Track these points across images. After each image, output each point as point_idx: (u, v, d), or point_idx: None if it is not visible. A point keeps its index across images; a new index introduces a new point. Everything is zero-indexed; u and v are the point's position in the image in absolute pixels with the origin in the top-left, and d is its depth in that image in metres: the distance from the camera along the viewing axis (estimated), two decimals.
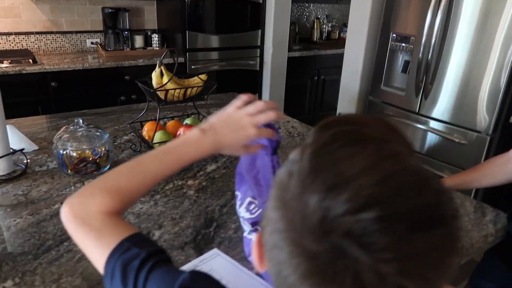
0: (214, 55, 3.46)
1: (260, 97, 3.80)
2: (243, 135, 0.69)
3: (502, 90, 2.06)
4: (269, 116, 0.70)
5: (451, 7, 2.16)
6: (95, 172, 1.23)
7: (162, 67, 1.29)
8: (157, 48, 3.36)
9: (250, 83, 3.72)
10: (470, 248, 0.98)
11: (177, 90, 1.28)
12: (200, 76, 1.35)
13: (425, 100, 2.39)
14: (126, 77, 2.99)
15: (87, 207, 0.60)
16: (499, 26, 2.00)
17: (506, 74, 2.03)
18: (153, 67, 1.33)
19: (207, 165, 1.34)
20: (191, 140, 0.68)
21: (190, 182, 1.23)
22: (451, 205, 0.34)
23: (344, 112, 2.93)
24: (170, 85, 1.26)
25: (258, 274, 0.86)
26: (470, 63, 2.15)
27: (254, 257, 0.44)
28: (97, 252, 0.57)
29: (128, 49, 3.24)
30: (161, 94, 1.27)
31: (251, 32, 3.54)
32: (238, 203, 0.91)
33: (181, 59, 3.21)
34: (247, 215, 0.87)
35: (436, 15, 2.21)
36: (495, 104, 2.09)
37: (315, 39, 4.30)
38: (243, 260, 0.90)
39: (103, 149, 1.24)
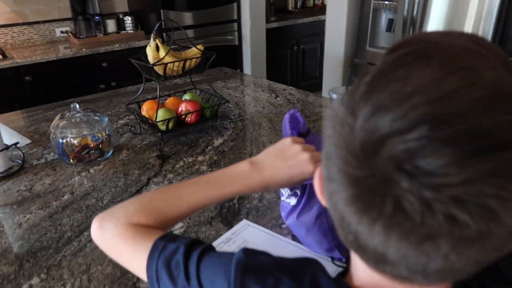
0: (190, 33, 3.35)
1: (241, 72, 3.73)
2: (299, 171, 0.60)
3: (489, 37, 2.06)
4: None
5: None
6: (99, 159, 1.17)
7: (157, 40, 1.22)
8: (132, 31, 3.22)
9: (231, 59, 3.63)
10: None
11: (176, 64, 1.21)
12: (197, 46, 1.28)
13: None
14: (104, 64, 2.86)
15: (118, 220, 0.56)
16: None
17: (492, 23, 2.03)
18: (130, 51, 1.27)
19: (213, 139, 1.29)
20: (238, 173, 0.61)
21: (200, 158, 1.19)
22: None
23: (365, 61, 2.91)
24: (167, 59, 1.20)
25: (293, 239, 0.83)
26: (451, 15, 2.15)
27: (317, 192, 0.42)
28: (136, 260, 0.53)
29: (101, 35, 3.08)
30: (159, 70, 1.20)
31: (226, 6, 3.44)
32: None
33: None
34: None
35: None
36: None
37: (290, 9, 4.22)
38: (275, 227, 0.87)
39: (104, 133, 1.18)
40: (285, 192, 0.76)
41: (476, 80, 0.28)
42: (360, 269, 0.40)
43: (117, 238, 0.55)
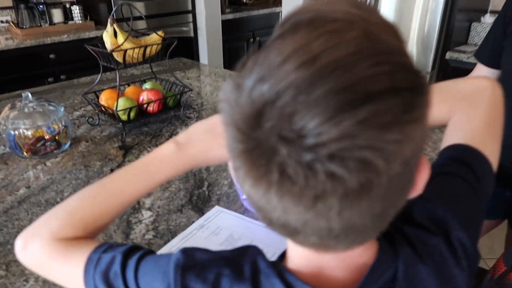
0: (142, 24, 3.24)
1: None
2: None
3: (436, 30, 2.18)
4: None
5: None
6: (55, 151, 1.11)
7: (115, 25, 1.16)
8: (80, 22, 3.06)
9: (186, 51, 3.56)
10: None
11: (136, 51, 1.17)
12: (157, 32, 1.24)
13: None
14: (51, 56, 2.71)
15: (42, 238, 0.51)
16: None
17: (439, 14, 2.14)
18: (80, 42, 1.21)
19: (176, 129, 1.26)
20: (164, 156, 0.57)
21: None
22: (387, 78, 0.29)
23: None
24: (127, 45, 1.15)
25: None
26: (400, 7, 2.24)
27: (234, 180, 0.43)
28: (70, 279, 0.50)
29: (46, 25, 2.91)
30: (118, 57, 1.15)
31: None
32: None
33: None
34: None
35: None
36: (431, 44, 2.22)
37: (245, 1, 4.20)
38: (247, 211, 0.87)
39: (61, 124, 1.11)
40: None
41: (339, 41, 0.29)
42: (290, 248, 0.41)
43: (45, 257, 0.51)
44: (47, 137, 1.08)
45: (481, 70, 1.19)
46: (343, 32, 0.30)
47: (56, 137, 1.10)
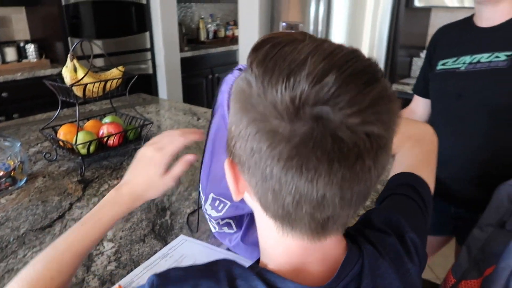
0: (100, 62, 3.25)
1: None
2: (153, 167, 0.64)
3: (381, 65, 2.35)
4: (178, 143, 0.67)
5: None
6: (10, 187, 1.08)
7: (75, 61, 1.18)
8: (34, 60, 3.03)
9: (145, 88, 3.58)
10: None
11: (96, 85, 1.18)
12: (118, 67, 1.27)
13: None
14: (3, 94, 2.64)
15: None
16: (366, 9, 2.28)
17: (383, 50, 2.32)
18: (34, 80, 1.22)
19: None
20: (107, 201, 0.63)
21: None
22: (378, 67, 0.40)
23: None
24: (87, 80, 1.16)
25: (229, 249, 0.85)
26: (349, 42, 2.41)
27: (230, 185, 0.45)
28: None
29: None
30: (77, 91, 1.16)
31: (138, 34, 3.42)
32: (202, 198, 0.80)
33: None
34: (213, 213, 0.76)
35: (318, 4, 2.42)
36: None
37: (202, 39, 4.33)
38: (211, 238, 0.88)
39: (17, 160, 1.09)
40: (215, 226, 0.78)
41: (339, 45, 0.39)
42: (273, 248, 0.46)
43: None
44: (1, 173, 1.06)
45: (418, 101, 1.31)
46: (333, 42, 0.39)
47: (12, 173, 1.07)
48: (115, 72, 1.26)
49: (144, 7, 3.37)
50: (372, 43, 2.33)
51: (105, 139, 1.24)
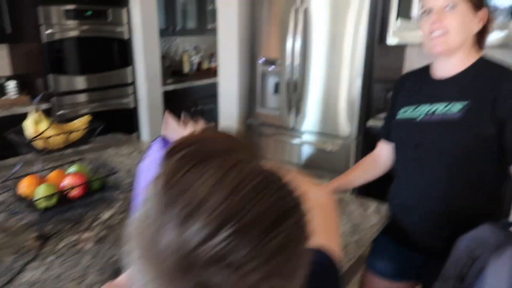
0: (82, 97, 3.26)
1: (139, 135, 3.69)
2: None
3: (357, 99, 2.38)
4: None
5: (306, 30, 2.44)
6: None
7: (38, 114, 1.18)
8: (15, 96, 3.02)
9: (127, 122, 3.59)
10: (362, 240, 1.10)
11: (59, 137, 1.18)
12: (82, 118, 1.27)
13: (297, 116, 2.62)
14: None
15: None
16: (348, 43, 2.32)
17: (359, 85, 2.36)
18: (13, 118, 1.21)
19: (101, 213, 1.25)
20: None
21: (86, 235, 1.13)
22: (292, 196, 0.36)
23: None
24: (50, 132, 1.16)
25: None
26: (328, 78, 2.45)
27: None
28: None
29: None
30: (38, 145, 1.16)
31: (121, 69, 3.45)
32: None
33: (45, 106, 2.95)
34: None
35: (295, 38, 2.47)
36: (354, 112, 2.41)
37: (186, 71, 4.37)
38: None
39: None
40: None
41: (248, 172, 0.35)
42: None
43: None
44: None
45: (383, 145, 1.32)
46: (247, 163, 0.36)
47: None
48: (81, 122, 1.25)
49: (126, 43, 3.41)
50: (351, 77, 2.37)
51: (67, 191, 1.22)
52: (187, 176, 0.35)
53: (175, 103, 3.90)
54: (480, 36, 1.08)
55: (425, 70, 1.18)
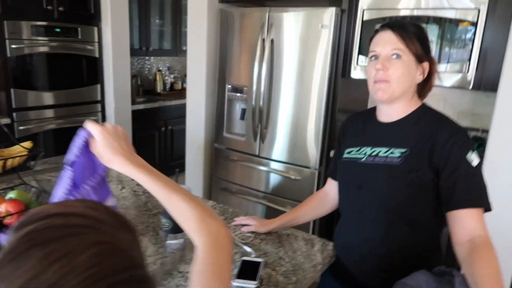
0: (49, 113, 3.20)
1: None
2: None
3: (321, 129, 2.41)
4: None
5: (273, 59, 2.47)
6: None
7: None
8: None
9: None
10: (304, 280, 1.09)
11: None
12: (23, 144, 1.23)
13: (263, 143, 2.63)
14: None
15: None
16: (317, 75, 2.36)
17: (323, 116, 2.39)
18: None
19: None
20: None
21: None
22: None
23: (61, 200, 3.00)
24: None
25: None
26: (296, 108, 2.47)
27: None
28: None
29: None
30: None
31: (89, 87, 3.40)
32: None
33: (6, 120, 2.87)
34: None
35: (261, 66, 2.49)
36: (319, 142, 2.43)
37: (158, 91, 4.35)
38: None
39: None
40: None
41: (69, 269, 0.33)
42: None
43: None
44: None
45: (331, 183, 1.33)
46: (75, 255, 0.33)
47: None
48: (20, 149, 1.21)
49: (96, 60, 3.38)
50: (318, 108, 2.39)
51: (2, 219, 1.17)
52: (13, 263, 0.33)
53: (145, 122, 3.86)
54: (422, 87, 1.11)
55: (372, 112, 1.20)
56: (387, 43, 1.05)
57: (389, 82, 1.05)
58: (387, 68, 1.04)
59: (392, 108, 1.10)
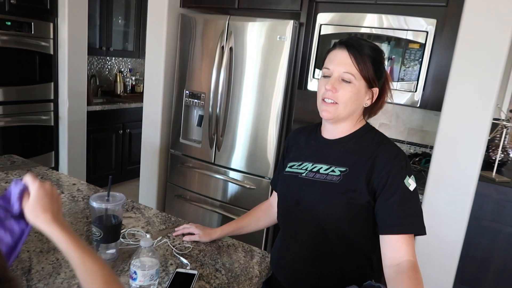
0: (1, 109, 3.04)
1: (57, 155, 3.47)
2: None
3: (277, 139, 2.41)
4: None
5: (231, 67, 2.46)
6: None
7: None
8: None
9: (44, 140, 3.37)
10: None
11: None
12: None
13: (219, 151, 2.60)
14: None
15: None
16: (275, 86, 2.36)
17: (278, 126, 2.39)
18: None
19: None
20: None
21: None
22: None
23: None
24: None
25: None
26: (254, 117, 2.46)
27: None
28: None
29: None
30: None
31: (41, 84, 3.26)
32: None
33: None
34: None
35: (220, 74, 2.48)
36: (274, 152, 2.43)
37: (118, 92, 4.24)
38: None
39: None
40: None
41: None
42: None
43: None
44: None
45: (275, 193, 1.32)
46: None
47: None
48: None
49: (51, 58, 3.25)
50: (274, 118, 2.40)
51: None
52: None
53: (102, 124, 3.74)
54: (370, 108, 1.11)
55: (317, 127, 1.19)
56: (340, 63, 1.04)
57: (336, 104, 1.04)
58: (337, 89, 1.03)
59: (336, 127, 1.10)
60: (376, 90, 1.08)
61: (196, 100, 2.65)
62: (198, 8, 2.78)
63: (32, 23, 3.06)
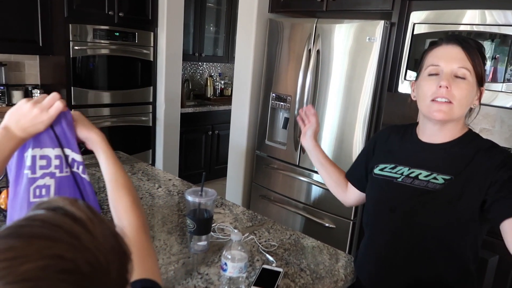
0: (106, 111, 3.40)
1: (154, 153, 3.77)
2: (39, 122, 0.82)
3: (364, 143, 2.34)
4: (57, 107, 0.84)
5: (318, 70, 2.45)
6: None
7: None
8: None
9: (144, 139, 3.68)
10: None
11: None
12: None
13: (303, 153, 2.61)
14: None
15: None
16: (363, 88, 2.31)
17: (366, 129, 2.33)
18: None
19: None
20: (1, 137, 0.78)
21: None
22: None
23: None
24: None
25: None
26: (341, 120, 2.43)
27: None
28: None
29: (3, 105, 3.01)
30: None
31: (143, 88, 3.57)
32: None
33: None
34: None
35: (306, 77, 2.49)
36: None
37: (208, 96, 4.47)
38: None
39: None
40: None
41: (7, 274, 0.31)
42: None
43: None
44: None
45: (351, 188, 1.28)
46: (20, 262, 0.32)
47: None
48: None
49: (151, 64, 3.55)
50: (362, 121, 2.35)
51: None
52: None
53: (193, 125, 3.98)
54: (468, 113, 1.03)
55: (412, 128, 1.12)
56: (454, 59, 0.96)
57: (450, 104, 0.96)
58: (451, 87, 0.95)
59: (442, 130, 1.02)
60: (483, 89, 1.01)
61: (282, 103, 2.70)
62: (286, 13, 2.82)
63: (136, 33, 3.38)
